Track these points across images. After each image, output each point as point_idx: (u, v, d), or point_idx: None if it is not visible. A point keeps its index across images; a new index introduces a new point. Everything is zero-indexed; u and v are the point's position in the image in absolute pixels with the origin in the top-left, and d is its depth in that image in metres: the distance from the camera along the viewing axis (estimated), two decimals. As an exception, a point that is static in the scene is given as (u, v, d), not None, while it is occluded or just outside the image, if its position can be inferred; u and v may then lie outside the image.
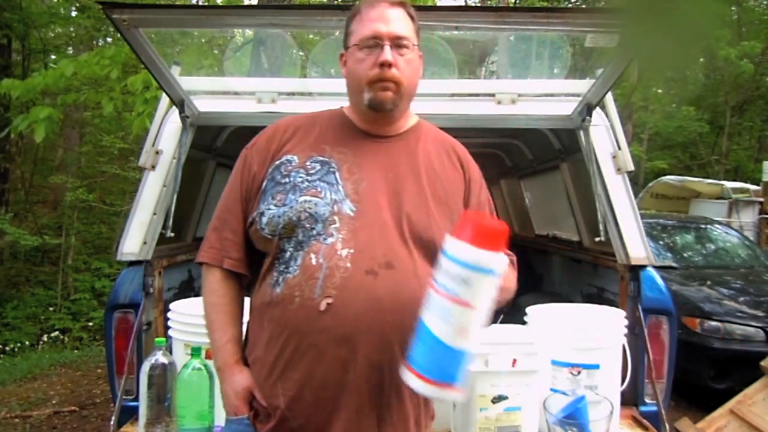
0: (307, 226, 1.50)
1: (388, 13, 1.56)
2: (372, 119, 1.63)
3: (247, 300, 1.69)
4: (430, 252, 1.51)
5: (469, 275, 1.25)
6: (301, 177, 1.55)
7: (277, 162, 1.60)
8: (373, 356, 1.46)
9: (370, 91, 1.56)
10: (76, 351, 8.32)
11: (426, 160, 1.63)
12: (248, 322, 1.65)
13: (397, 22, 1.56)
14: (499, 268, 1.27)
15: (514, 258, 1.66)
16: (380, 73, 1.54)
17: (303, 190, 1.53)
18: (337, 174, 1.55)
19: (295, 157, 1.59)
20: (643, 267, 2.85)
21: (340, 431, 1.46)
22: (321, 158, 1.58)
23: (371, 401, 1.47)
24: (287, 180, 1.56)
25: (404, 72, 1.57)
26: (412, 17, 1.61)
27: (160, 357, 2.20)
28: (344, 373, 1.45)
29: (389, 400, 1.49)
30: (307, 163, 1.57)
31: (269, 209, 1.55)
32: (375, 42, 1.55)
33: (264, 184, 1.60)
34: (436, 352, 1.27)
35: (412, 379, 1.29)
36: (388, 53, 1.53)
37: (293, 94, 3.22)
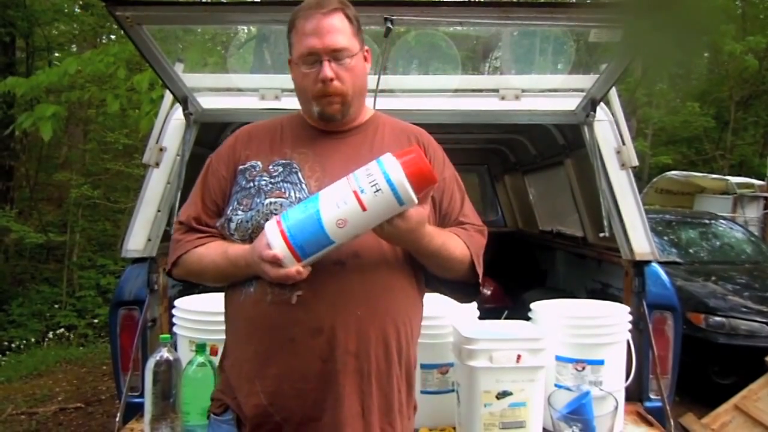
0: None
1: (323, 24, 1.55)
2: (325, 123, 1.66)
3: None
4: None
5: (384, 188, 1.34)
6: (264, 180, 1.58)
7: (242, 167, 1.63)
8: (350, 346, 1.48)
9: (317, 105, 1.59)
10: (81, 348, 8.35)
11: (383, 149, 1.59)
12: (225, 330, 1.66)
13: (333, 34, 1.55)
14: (408, 204, 1.37)
15: (485, 230, 1.74)
16: (323, 88, 1.56)
17: (268, 193, 1.56)
18: (299, 174, 1.58)
19: (259, 163, 1.61)
20: (647, 262, 2.84)
21: (329, 420, 1.48)
22: (282, 161, 1.61)
23: (353, 390, 1.49)
24: (252, 185, 1.59)
25: (347, 82, 1.57)
26: (349, 18, 1.59)
27: (165, 353, 2.21)
28: (322, 363, 1.48)
29: (371, 388, 1.51)
30: (270, 167, 1.60)
31: (236, 215, 1.58)
32: (313, 58, 1.55)
33: (231, 189, 1.63)
34: (310, 224, 1.36)
35: (274, 231, 1.38)
36: (327, 70, 1.54)
37: (296, 90, 3.21)
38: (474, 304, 2.68)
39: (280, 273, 1.39)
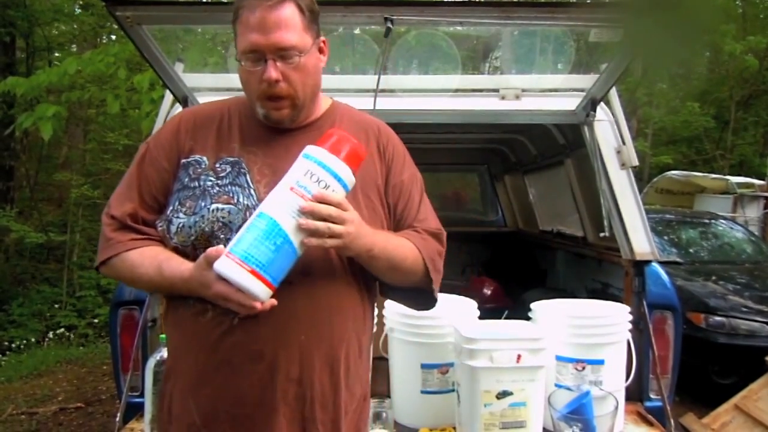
0: (221, 236, 1.38)
1: (268, 18, 1.36)
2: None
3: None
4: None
5: (330, 182, 1.30)
6: (211, 181, 1.43)
7: (185, 161, 1.47)
8: (292, 373, 1.39)
9: (263, 108, 1.45)
10: (81, 348, 8.34)
11: None
12: (166, 333, 1.57)
13: (280, 30, 1.37)
14: (349, 184, 1.33)
15: (443, 234, 1.60)
16: (268, 89, 1.40)
17: (214, 197, 1.41)
18: (248, 176, 1.43)
19: (205, 159, 1.46)
20: (647, 262, 2.84)
21: None
22: (231, 159, 1.46)
23: (294, 415, 1.41)
24: (196, 184, 1.44)
25: (295, 82, 1.42)
26: (301, 9, 1.41)
27: (165, 353, 2.20)
28: (261, 390, 1.38)
29: (314, 414, 1.42)
30: (217, 165, 1.45)
31: (178, 217, 1.42)
32: (256, 56, 1.39)
33: (172, 184, 1.47)
34: (285, 256, 1.27)
35: (246, 277, 1.24)
36: (272, 71, 1.38)
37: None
38: (474, 304, 2.69)
39: (266, 307, 1.28)
